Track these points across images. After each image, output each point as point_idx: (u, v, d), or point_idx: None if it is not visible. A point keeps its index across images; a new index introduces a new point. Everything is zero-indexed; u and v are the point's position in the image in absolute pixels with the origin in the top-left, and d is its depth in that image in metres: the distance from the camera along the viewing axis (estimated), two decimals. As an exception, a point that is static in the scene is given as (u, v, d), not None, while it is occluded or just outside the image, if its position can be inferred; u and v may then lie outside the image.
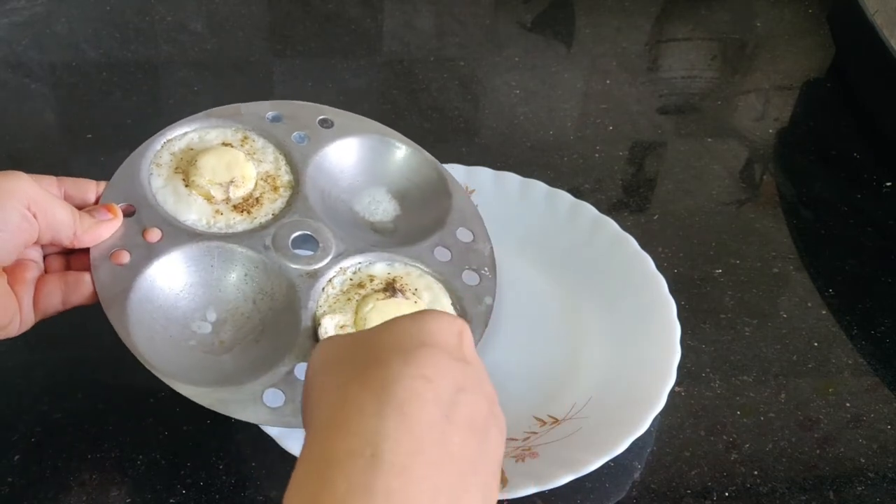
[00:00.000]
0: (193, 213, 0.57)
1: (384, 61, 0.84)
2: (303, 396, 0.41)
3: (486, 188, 0.67)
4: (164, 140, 0.60)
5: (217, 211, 0.57)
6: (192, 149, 0.60)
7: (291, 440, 0.52)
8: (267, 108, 0.62)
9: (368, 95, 0.80)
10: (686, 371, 0.59)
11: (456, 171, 0.67)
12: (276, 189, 0.59)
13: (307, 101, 0.78)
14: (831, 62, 0.86)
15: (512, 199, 0.66)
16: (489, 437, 0.37)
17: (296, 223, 0.57)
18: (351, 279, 0.57)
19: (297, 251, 0.56)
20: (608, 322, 0.61)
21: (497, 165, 0.68)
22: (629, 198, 0.73)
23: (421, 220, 0.61)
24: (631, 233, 0.63)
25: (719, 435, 0.57)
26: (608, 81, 0.83)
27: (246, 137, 0.61)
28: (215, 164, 0.58)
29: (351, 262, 0.57)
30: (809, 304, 0.66)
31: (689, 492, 0.54)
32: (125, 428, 0.56)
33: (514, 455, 0.53)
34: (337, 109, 0.64)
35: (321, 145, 0.61)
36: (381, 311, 0.55)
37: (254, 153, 0.60)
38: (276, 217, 0.57)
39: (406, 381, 0.36)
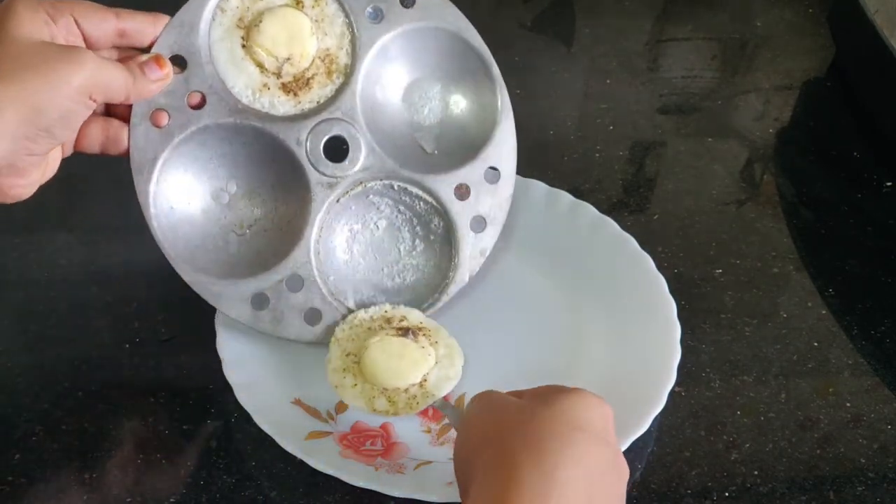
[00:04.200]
0: (242, 80, 0.57)
1: (384, 61, 0.84)
2: (456, 464, 0.45)
3: (486, 188, 0.67)
4: None
5: (265, 85, 0.57)
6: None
7: (291, 441, 0.52)
8: None
9: (368, 95, 0.80)
10: (686, 371, 0.59)
11: (456, 170, 0.67)
12: (329, 73, 0.58)
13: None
14: (831, 62, 0.86)
15: (512, 198, 0.66)
16: None
17: (334, 124, 0.57)
18: (386, 312, 0.58)
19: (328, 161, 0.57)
20: (608, 322, 0.61)
21: (497, 165, 0.68)
22: (629, 198, 0.73)
23: (456, 146, 0.61)
24: (631, 233, 0.63)
25: (719, 435, 0.57)
26: (608, 81, 0.83)
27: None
28: (277, 34, 0.56)
29: (373, 183, 0.58)
30: (809, 304, 0.66)
31: (689, 492, 0.54)
32: (125, 428, 0.56)
33: (514, 455, 0.53)
34: None
35: (393, 28, 0.58)
36: (385, 345, 0.55)
37: (322, 20, 0.57)
38: (321, 106, 0.57)
39: (561, 471, 0.41)
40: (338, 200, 0.57)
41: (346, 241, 0.59)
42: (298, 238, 0.57)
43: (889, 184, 0.75)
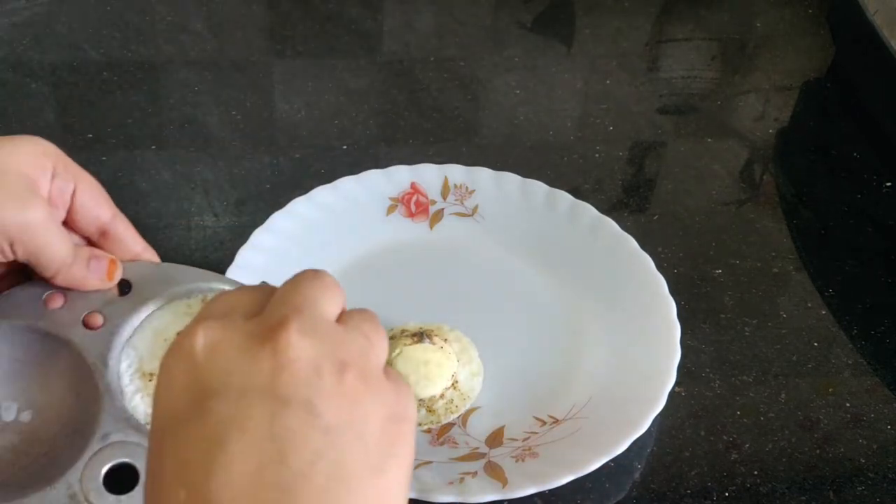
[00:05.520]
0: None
1: (384, 61, 0.84)
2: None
3: (486, 188, 0.67)
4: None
5: None
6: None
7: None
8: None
9: (368, 95, 0.80)
10: (686, 371, 0.59)
11: (456, 171, 0.67)
12: None
13: (308, 100, 0.78)
14: (831, 62, 0.86)
15: (512, 199, 0.66)
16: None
17: None
18: (389, 331, 0.58)
19: None
20: (608, 322, 0.61)
21: (497, 165, 0.68)
22: (629, 198, 0.73)
23: None
24: (631, 233, 0.63)
25: (719, 435, 0.57)
26: (608, 81, 0.83)
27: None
28: None
29: None
30: (809, 304, 0.66)
31: (689, 492, 0.54)
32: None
33: (514, 455, 0.53)
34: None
35: None
36: (407, 357, 0.56)
37: None
38: None
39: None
40: None
41: None
42: None
43: (889, 184, 0.75)
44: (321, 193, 0.65)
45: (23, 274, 0.47)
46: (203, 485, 0.28)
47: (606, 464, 0.51)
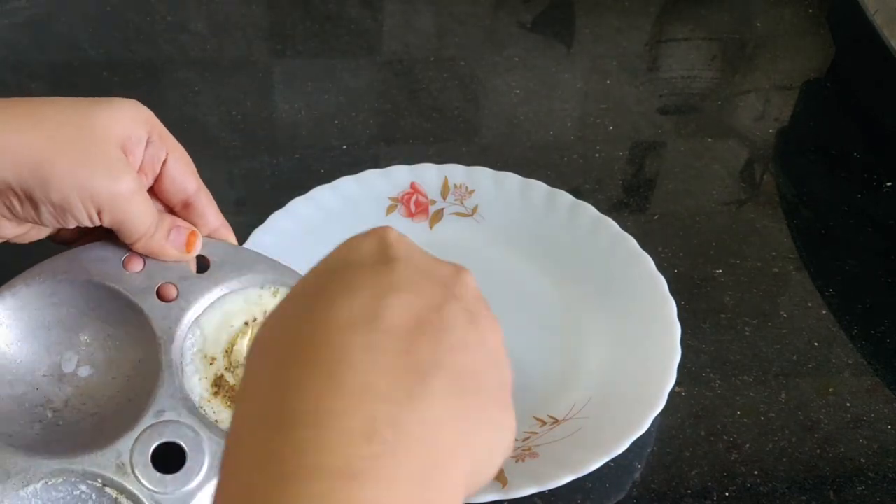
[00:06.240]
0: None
1: (384, 61, 0.84)
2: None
3: (486, 188, 0.67)
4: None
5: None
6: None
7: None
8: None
9: (368, 95, 0.80)
10: (686, 371, 0.59)
11: (456, 171, 0.67)
12: None
13: (308, 100, 0.78)
14: (831, 62, 0.86)
15: (512, 199, 0.66)
16: (451, 332, 0.33)
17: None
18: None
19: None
20: (608, 322, 0.61)
21: (497, 165, 0.68)
22: (629, 198, 0.73)
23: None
24: (631, 233, 0.63)
25: (719, 435, 0.57)
26: (608, 81, 0.83)
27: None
28: None
29: None
30: (809, 304, 0.66)
31: (689, 492, 0.54)
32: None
33: (514, 455, 0.53)
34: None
35: None
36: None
37: None
38: None
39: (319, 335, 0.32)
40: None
41: None
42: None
43: (889, 184, 0.75)
44: (321, 193, 0.65)
45: (101, 230, 0.48)
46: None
47: (606, 464, 0.51)
